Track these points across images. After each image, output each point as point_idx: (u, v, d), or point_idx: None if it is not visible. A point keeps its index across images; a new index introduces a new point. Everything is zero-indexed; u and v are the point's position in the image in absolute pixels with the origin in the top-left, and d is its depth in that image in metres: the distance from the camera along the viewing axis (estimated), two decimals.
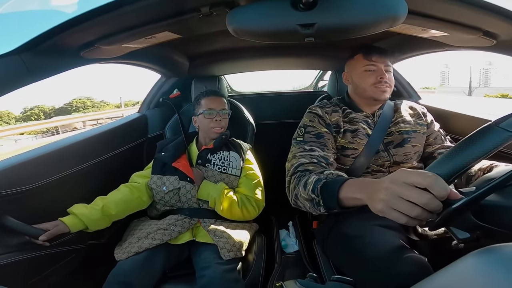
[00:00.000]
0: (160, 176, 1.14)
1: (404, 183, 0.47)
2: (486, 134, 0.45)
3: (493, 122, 0.46)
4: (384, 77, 0.97)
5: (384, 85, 0.98)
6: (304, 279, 0.53)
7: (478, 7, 0.67)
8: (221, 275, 0.87)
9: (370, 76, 0.98)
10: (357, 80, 1.02)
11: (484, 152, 0.45)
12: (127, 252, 0.95)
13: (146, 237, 0.99)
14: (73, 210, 0.96)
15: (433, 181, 0.44)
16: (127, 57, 1.07)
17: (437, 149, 1.01)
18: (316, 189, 0.70)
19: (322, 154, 0.90)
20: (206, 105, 1.23)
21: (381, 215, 0.51)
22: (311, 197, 0.72)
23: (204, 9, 0.69)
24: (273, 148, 1.59)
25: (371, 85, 0.98)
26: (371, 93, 0.99)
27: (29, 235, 0.84)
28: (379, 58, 0.99)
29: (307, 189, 0.74)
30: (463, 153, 0.46)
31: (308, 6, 0.60)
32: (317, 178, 0.73)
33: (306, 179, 0.77)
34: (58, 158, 1.01)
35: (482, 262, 0.35)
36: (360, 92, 1.02)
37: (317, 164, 0.86)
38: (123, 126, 1.40)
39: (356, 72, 1.03)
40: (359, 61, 1.02)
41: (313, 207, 0.73)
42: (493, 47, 0.86)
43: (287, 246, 1.33)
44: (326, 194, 0.68)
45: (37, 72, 0.77)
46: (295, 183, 0.82)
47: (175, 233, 1.01)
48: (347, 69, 1.08)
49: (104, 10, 0.64)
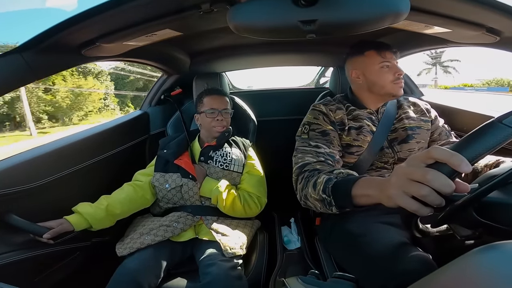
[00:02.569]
0: (163, 174, 1.15)
1: (412, 165, 0.46)
2: (488, 131, 0.45)
3: (496, 119, 0.45)
4: (401, 73, 0.97)
5: (402, 81, 0.98)
6: (306, 276, 0.53)
7: (481, 3, 0.66)
8: (225, 272, 0.88)
9: (388, 73, 0.97)
10: (374, 78, 0.99)
11: (486, 149, 0.44)
12: (129, 247, 0.95)
13: (149, 233, 0.99)
14: (78, 209, 0.96)
15: (434, 149, 0.43)
16: (128, 55, 1.07)
17: (443, 145, 1.00)
18: (327, 189, 0.70)
19: (328, 151, 0.90)
20: (209, 104, 1.23)
21: (392, 204, 0.49)
22: (322, 197, 0.71)
23: (204, 6, 0.69)
24: (275, 145, 1.59)
25: (390, 82, 0.97)
26: (390, 90, 0.97)
27: (34, 233, 0.85)
28: (390, 54, 0.98)
29: (317, 189, 0.73)
30: (465, 150, 0.46)
31: (309, 2, 0.60)
32: (328, 178, 0.72)
33: (315, 180, 0.76)
34: (61, 156, 1.02)
35: (485, 259, 0.34)
36: (377, 90, 0.99)
37: (324, 163, 0.85)
38: (125, 123, 1.40)
39: (370, 69, 1.00)
40: (373, 58, 0.99)
41: (324, 207, 0.73)
42: (496, 43, 0.86)
43: (289, 243, 1.33)
44: (338, 193, 0.67)
45: (39, 70, 0.77)
46: (304, 184, 0.81)
47: (178, 230, 1.02)
48: (357, 66, 1.03)
49: (104, 8, 0.64)
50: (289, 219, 1.46)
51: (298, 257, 1.21)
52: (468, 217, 0.47)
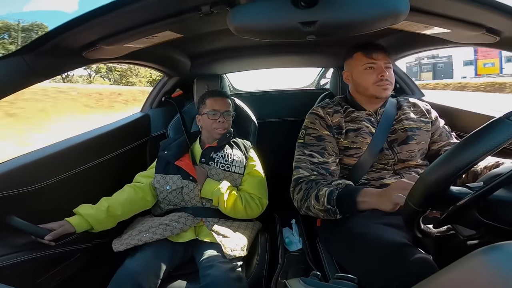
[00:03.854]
0: (163, 176, 1.15)
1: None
2: (496, 128, 0.44)
3: (503, 116, 0.44)
4: (384, 74, 0.97)
5: (385, 83, 0.97)
6: (307, 278, 0.53)
7: (481, 3, 0.66)
8: (225, 274, 0.87)
9: (371, 75, 0.98)
10: (358, 79, 1.02)
11: (493, 145, 0.43)
12: (125, 243, 0.96)
13: (147, 230, 0.99)
14: (79, 210, 0.96)
15: None
16: (129, 57, 1.07)
17: (443, 146, 1.01)
18: (332, 201, 0.80)
19: (322, 160, 0.93)
20: (211, 105, 1.23)
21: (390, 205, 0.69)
22: (327, 208, 0.81)
23: (205, 8, 0.69)
24: (275, 146, 1.59)
25: (373, 84, 0.98)
26: (373, 92, 0.98)
27: (35, 234, 0.85)
28: (378, 55, 0.98)
29: (321, 201, 0.82)
30: (471, 147, 0.45)
31: (309, 4, 0.60)
32: (330, 190, 0.82)
33: (317, 192, 0.84)
34: (63, 158, 1.02)
35: (489, 259, 0.34)
36: (362, 91, 1.02)
37: (318, 175, 0.91)
38: (126, 125, 1.40)
39: (356, 70, 1.02)
40: (359, 60, 1.01)
41: (328, 215, 0.83)
42: (496, 43, 0.86)
43: (291, 244, 1.33)
44: (343, 203, 0.79)
45: (41, 72, 0.77)
46: (303, 195, 0.88)
47: (177, 230, 1.01)
48: (347, 68, 1.08)
49: (105, 10, 0.64)
50: (290, 221, 1.46)
51: (300, 258, 1.20)
52: (471, 217, 0.47)
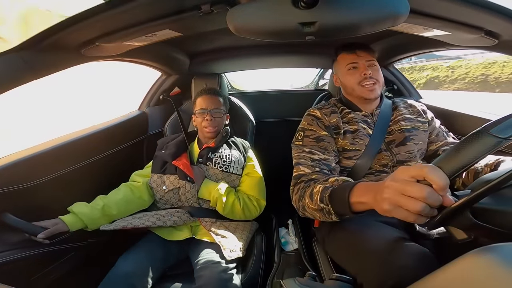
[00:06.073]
0: (160, 175, 1.14)
1: (403, 179, 0.48)
2: (476, 140, 0.46)
3: (483, 128, 0.46)
4: (366, 72, 0.95)
5: (370, 82, 0.96)
6: (303, 278, 0.53)
7: (480, 6, 0.67)
8: (219, 274, 0.87)
9: (354, 74, 0.98)
10: (344, 80, 1.02)
11: (474, 158, 0.45)
12: (114, 225, 0.96)
13: (141, 217, 1.00)
14: (73, 209, 0.95)
15: (430, 170, 0.46)
16: (127, 55, 1.07)
17: (441, 146, 1.00)
18: (324, 198, 0.70)
19: (323, 157, 0.90)
20: (199, 104, 1.23)
21: (388, 216, 0.51)
22: (321, 207, 0.72)
23: (204, 7, 0.69)
24: (273, 146, 1.59)
25: (357, 84, 0.97)
26: (359, 93, 0.98)
27: (29, 232, 0.84)
28: (361, 52, 0.98)
29: (314, 199, 0.74)
30: (454, 158, 0.47)
31: (309, 5, 0.60)
32: (323, 187, 0.72)
33: (311, 190, 0.77)
34: (58, 156, 1.01)
35: (482, 261, 0.35)
36: (350, 92, 1.02)
37: (319, 173, 0.86)
38: (123, 123, 1.40)
39: (341, 72, 1.02)
40: (343, 60, 1.01)
41: (324, 216, 0.73)
42: (495, 46, 0.86)
43: (287, 244, 1.33)
44: (336, 201, 0.68)
45: (39, 69, 0.77)
46: (300, 194, 0.82)
47: (170, 222, 1.01)
48: (335, 71, 1.08)
49: (104, 8, 0.64)
50: (287, 221, 1.46)
51: (296, 258, 1.21)
52: (465, 220, 0.47)
